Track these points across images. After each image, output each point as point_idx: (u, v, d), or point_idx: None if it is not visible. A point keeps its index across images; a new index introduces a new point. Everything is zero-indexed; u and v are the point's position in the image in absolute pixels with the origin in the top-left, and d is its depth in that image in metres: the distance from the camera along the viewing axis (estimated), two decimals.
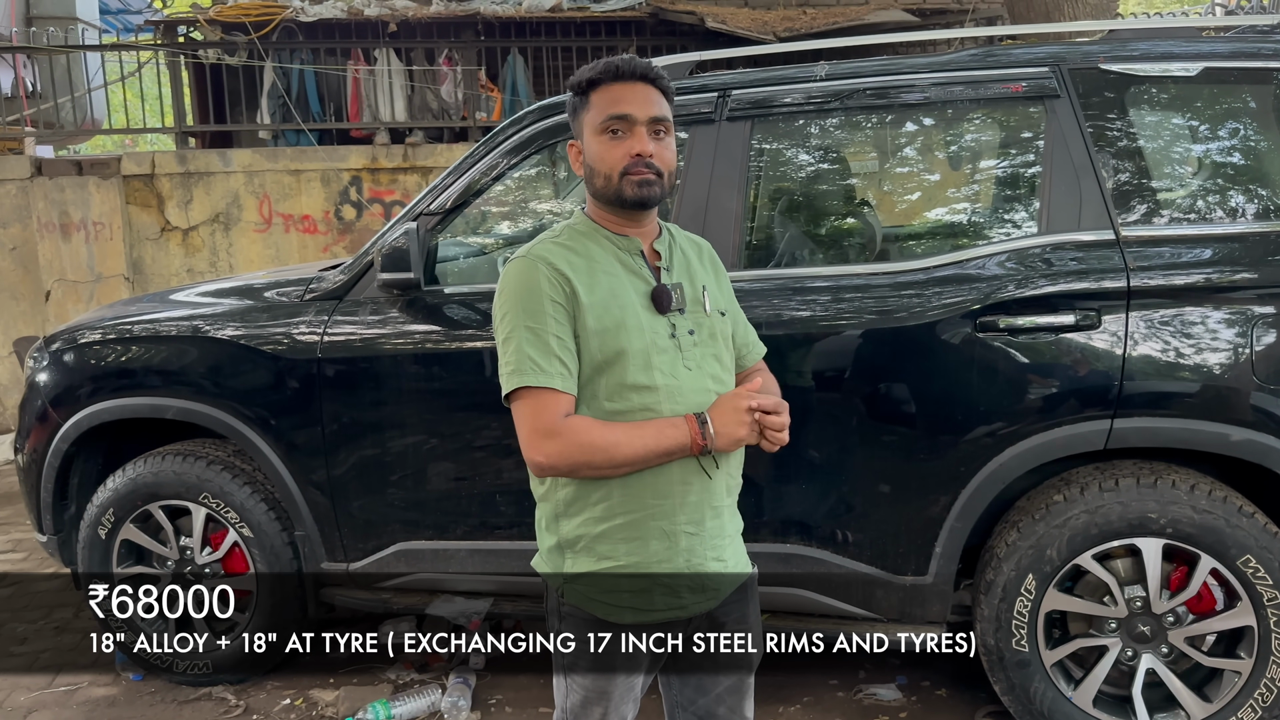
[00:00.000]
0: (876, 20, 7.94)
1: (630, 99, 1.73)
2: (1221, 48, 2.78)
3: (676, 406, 1.72)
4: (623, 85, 1.74)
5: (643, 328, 1.73)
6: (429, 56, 8.21)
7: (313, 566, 3.31)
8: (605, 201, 1.77)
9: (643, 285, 1.77)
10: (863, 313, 2.76)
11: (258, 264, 7.49)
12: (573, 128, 1.83)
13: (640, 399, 1.71)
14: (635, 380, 1.71)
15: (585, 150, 1.78)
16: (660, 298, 1.76)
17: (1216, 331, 2.56)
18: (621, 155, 1.72)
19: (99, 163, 7.30)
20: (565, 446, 1.66)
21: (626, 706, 1.84)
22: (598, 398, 1.73)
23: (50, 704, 3.43)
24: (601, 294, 1.72)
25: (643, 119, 1.73)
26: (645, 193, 1.73)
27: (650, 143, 1.73)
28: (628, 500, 1.73)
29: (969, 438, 2.70)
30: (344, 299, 3.18)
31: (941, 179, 3.18)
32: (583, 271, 1.73)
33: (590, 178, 1.78)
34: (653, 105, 1.74)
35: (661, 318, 1.75)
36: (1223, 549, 2.58)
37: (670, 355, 1.74)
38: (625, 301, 1.73)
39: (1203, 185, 2.77)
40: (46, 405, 3.47)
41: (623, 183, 1.73)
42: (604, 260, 1.76)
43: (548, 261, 1.72)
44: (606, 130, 1.73)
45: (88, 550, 3.43)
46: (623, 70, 1.74)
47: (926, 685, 3.31)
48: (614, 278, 1.75)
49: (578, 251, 1.76)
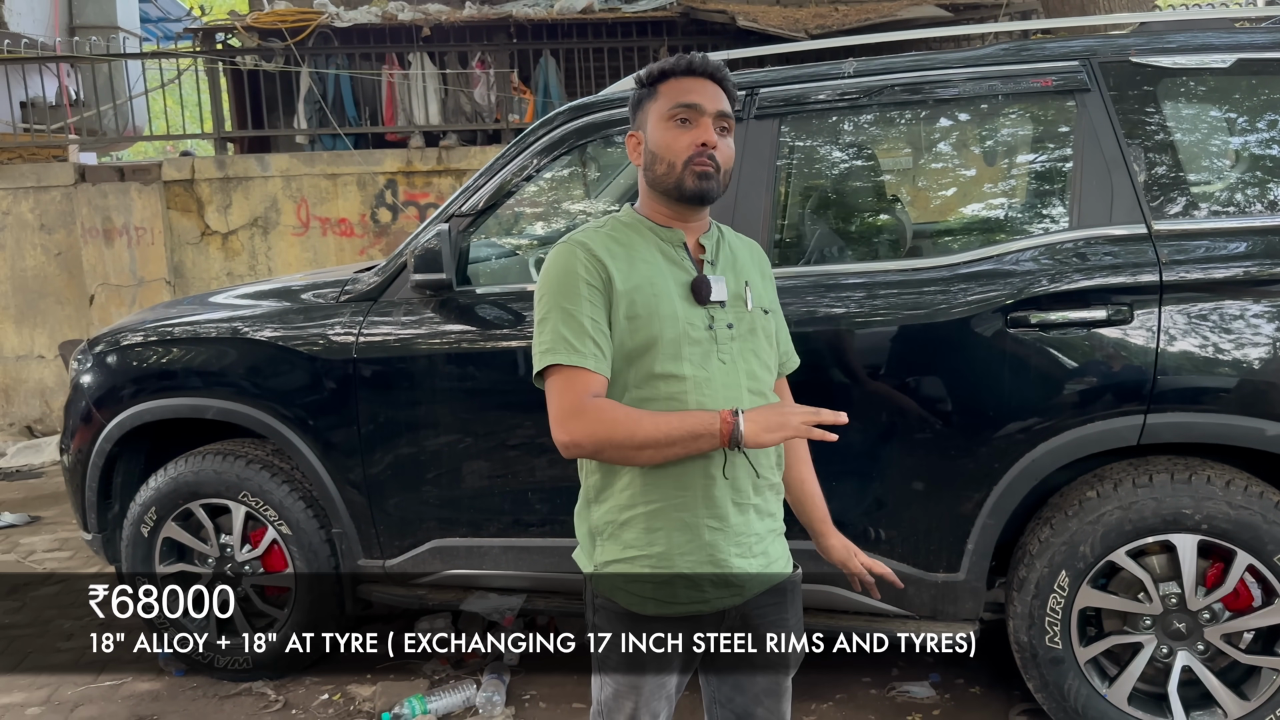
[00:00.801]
0: (909, 16, 7.90)
1: (700, 91, 1.77)
2: (1257, 38, 2.74)
3: (704, 399, 1.73)
4: (694, 79, 1.78)
5: (677, 317, 1.74)
6: (462, 60, 8.29)
7: (350, 564, 3.36)
8: (662, 191, 1.79)
9: (683, 276, 1.78)
10: (894, 309, 2.76)
11: (295, 267, 7.60)
12: (634, 119, 1.86)
13: (667, 388, 1.73)
14: (664, 369, 1.73)
15: (649, 138, 1.80)
16: (700, 288, 1.77)
17: (1250, 325, 2.53)
18: (688, 144, 1.75)
19: (140, 169, 7.44)
20: (589, 424, 1.67)
21: (658, 703, 1.84)
22: (626, 386, 1.75)
23: (96, 698, 3.52)
24: (637, 281, 1.74)
25: (711, 111, 1.76)
26: (705, 186, 1.75)
27: (715, 136, 1.76)
28: (649, 490, 1.75)
29: (1001, 434, 2.69)
30: (378, 300, 3.23)
31: (971, 174, 3.17)
32: (621, 259, 1.76)
33: (651, 164, 1.80)
34: (720, 100, 1.78)
35: (700, 309, 1.77)
36: (1259, 545, 2.55)
37: (704, 347, 1.75)
38: (661, 290, 1.75)
39: (1236, 178, 2.74)
40: (90, 406, 3.55)
41: (685, 172, 1.75)
42: (644, 250, 1.79)
43: (586, 247, 1.75)
44: (675, 118, 1.76)
45: (131, 548, 3.51)
46: (695, 65, 1.79)
47: (960, 683, 3.29)
48: (653, 266, 1.77)
49: (619, 241, 1.79)
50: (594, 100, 3.18)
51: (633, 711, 1.83)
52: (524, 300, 3.09)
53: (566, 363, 1.70)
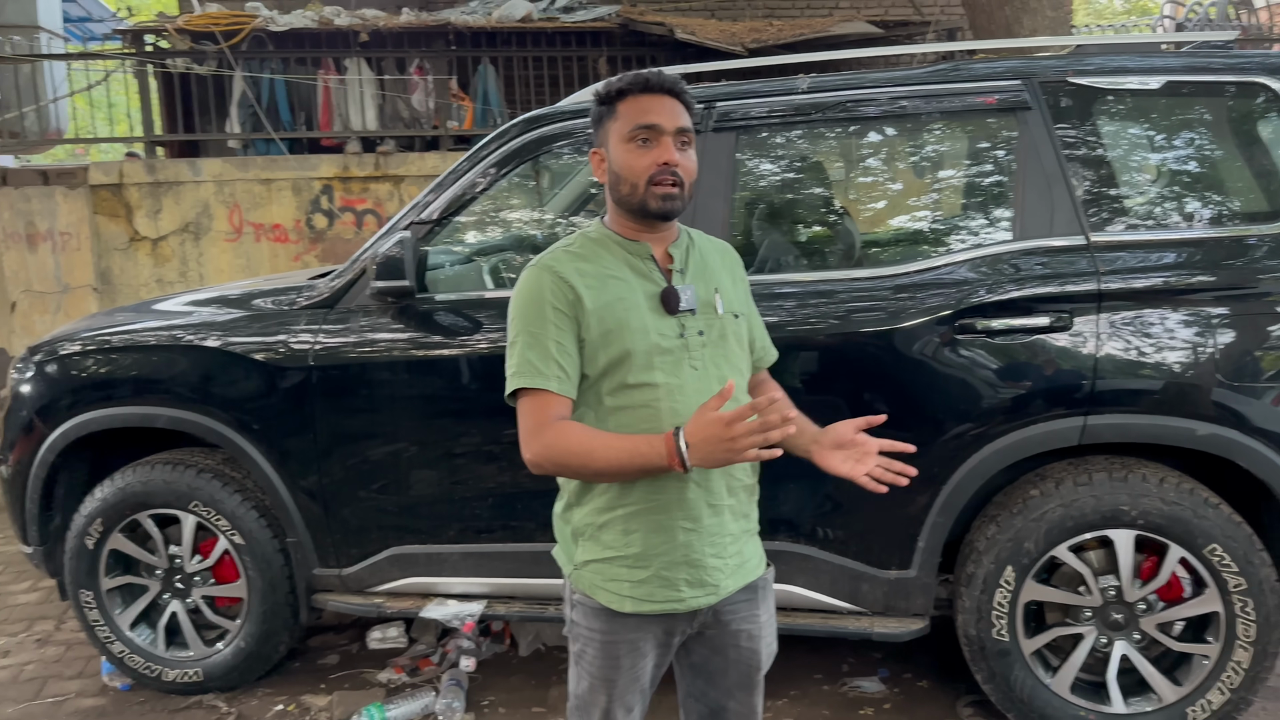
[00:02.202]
0: (841, 32, 8.09)
1: (659, 110, 1.80)
2: (1182, 62, 2.91)
3: (676, 405, 1.79)
4: (651, 97, 1.81)
5: (647, 329, 1.79)
6: (400, 66, 8.23)
7: (305, 573, 3.34)
8: (628, 209, 1.84)
9: (652, 288, 1.83)
10: (846, 317, 2.85)
11: (228, 274, 7.46)
12: (596, 136, 1.89)
13: (640, 396, 1.78)
14: (637, 379, 1.78)
15: (612, 158, 1.84)
16: (669, 299, 1.82)
17: (1182, 332, 2.68)
18: (649, 164, 1.79)
19: (65, 172, 7.23)
20: (547, 447, 1.74)
21: (632, 696, 1.90)
22: (601, 396, 1.80)
23: (39, 715, 3.43)
24: (607, 298, 1.79)
25: (670, 129, 1.80)
26: (668, 206, 1.80)
27: (675, 153, 1.80)
28: (625, 493, 1.80)
29: (950, 436, 2.80)
30: (335, 307, 3.22)
31: (919, 188, 3.29)
32: (590, 276, 1.80)
33: (615, 185, 1.84)
34: (679, 117, 1.82)
35: (671, 319, 1.82)
36: (1190, 539, 2.70)
37: (675, 355, 1.81)
38: (630, 304, 1.80)
39: (1166, 193, 2.90)
40: (32, 415, 3.46)
41: (648, 192, 1.79)
42: (613, 265, 1.84)
43: (553, 271, 1.80)
44: (635, 139, 1.80)
45: (75, 561, 3.43)
46: (652, 82, 1.82)
47: (908, 677, 3.41)
48: (622, 282, 1.82)
49: (587, 258, 1.83)
50: (548, 112, 3.22)
51: (607, 704, 1.88)
52: (483, 307, 3.12)
53: (531, 385, 1.76)
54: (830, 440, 1.89)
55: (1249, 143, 2.90)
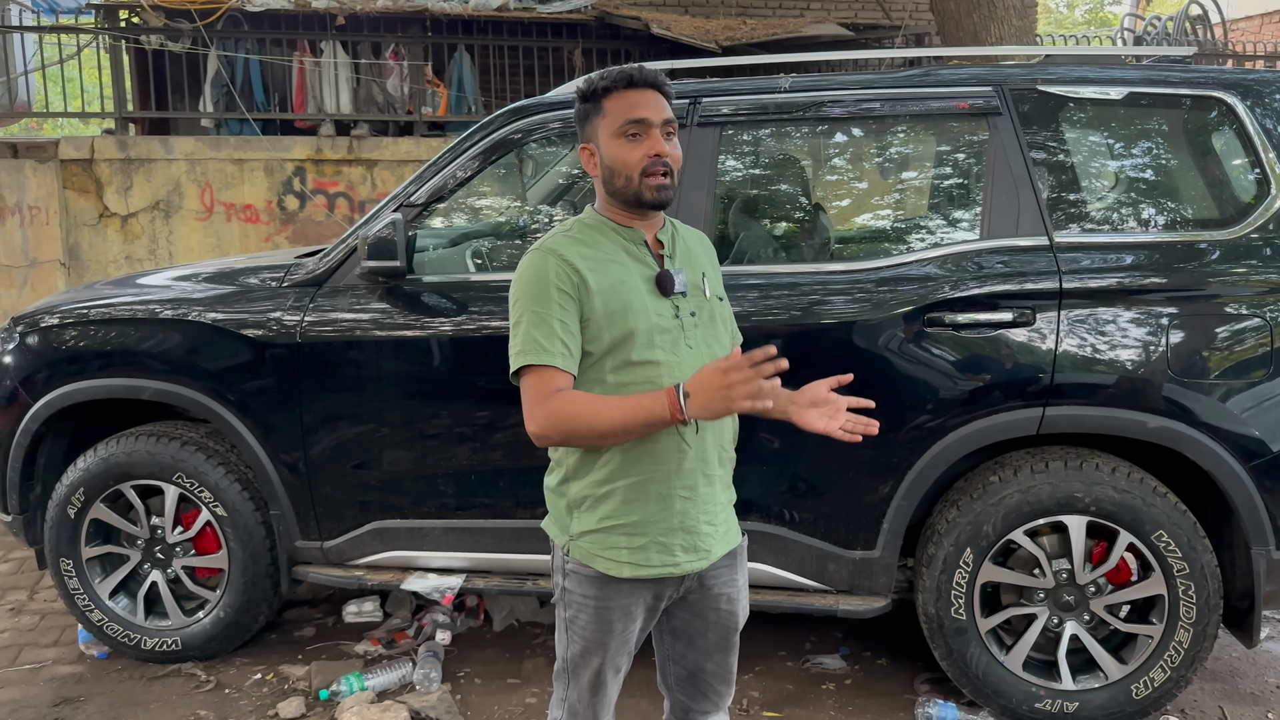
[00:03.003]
0: (813, 33, 8.25)
1: (645, 104, 1.91)
2: (1144, 74, 3.07)
3: (676, 380, 1.88)
4: (636, 92, 1.92)
5: (647, 309, 1.91)
6: (375, 50, 8.25)
7: (286, 545, 3.41)
8: (623, 201, 1.94)
9: (647, 271, 1.95)
10: (819, 308, 2.98)
11: (198, 252, 7.45)
12: (582, 132, 1.99)
13: (644, 373, 1.89)
14: (640, 357, 1.89)
15: (603, 153, 1.94)
16: (664, 281, 1.94)
17: (1137, 329, 2.84)
18: (640, 156, 1.89)
19: (35, 145, 7.18)
20: (551, 415, 1.82)
21: (622, 658, 2.02)
22: (605, 374, 1.91)
23: (16, 681, 3.46)
24: (610, 281, 1.90)
25: (658, 122, 1.91)
26: (662, 195, 1.91)
27: (664, 144, 1.91)
28: (628, 465, 1.91)
29: (915, 423, 2.94)
30: (324, 285, 3.29)
31: (893, 186, 3.43)
32: (593, 260, 1.91)
33: (609, 179, 1.94)
34: (664, 109, 1.93)
35: (665, 300, 1.94)
36: (1139, 525, 2.87)
37: (673, 335, 1.92)
38: (632, 286, 1.91)
39: (1126, 197, 3.06)
40: (16, 385, 3.49)
41: (643, 185, 1.90)
42: (611, 250, 1.94)
43: (558, 254, 1.90)
44: (625, 134, 1.90)
45: (56, 529, 3.47)
46: (636, 78, 1.92)
47: (868, 655, 3.55)
48: (621, 266, 1.93)
49: (586, 243, 1.94)
50: (533, 103, 3.32)
51: (599, 665, 1.99)
52: (470, 290, 3.21)
53: (536, 362, 1.85)
54: (806, 399, 1.97)
55: (1203, 153, 3.07)
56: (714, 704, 2.16)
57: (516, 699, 3.27)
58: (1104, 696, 2.97)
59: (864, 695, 3.28)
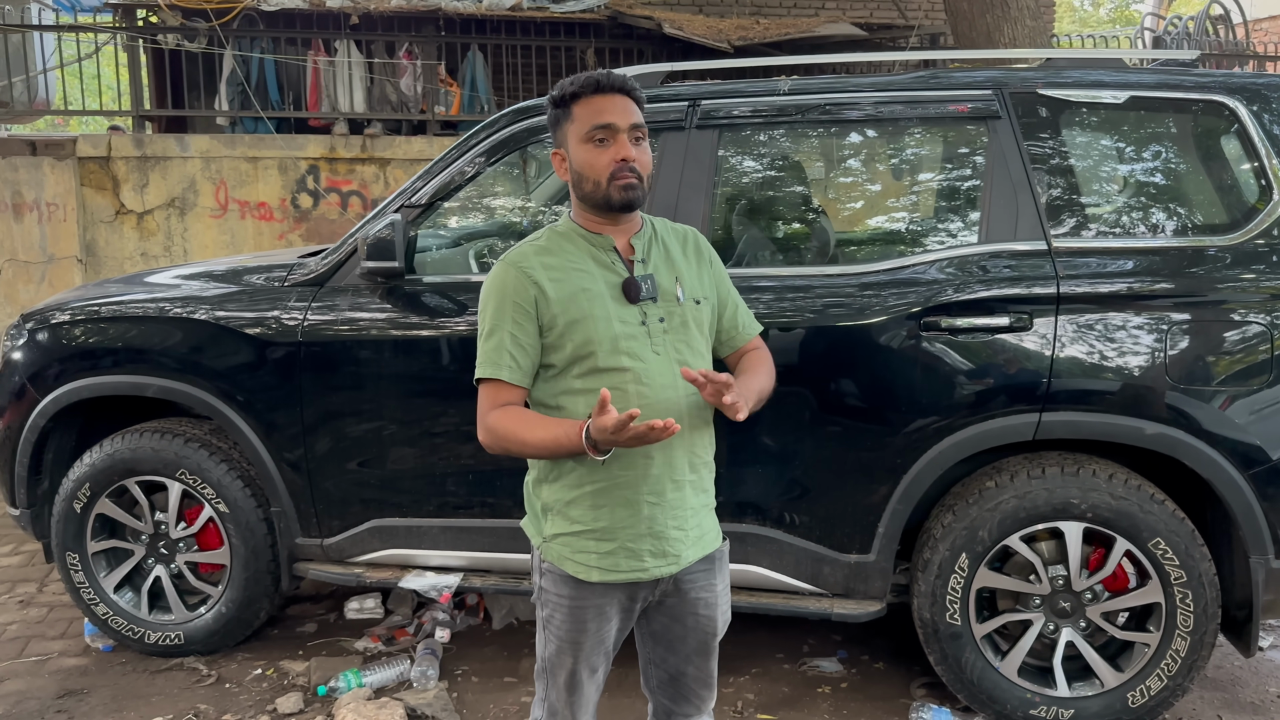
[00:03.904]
0: (826, 33, 8.22)
1: (612, 109, 1.93)
2: (1147, 78, 3.05)
3: (644, 388, 1.92)
4: (603, 97, 1.93)
5: (610, 317, 1.92)
6: (389, 50, 8.30)
7: (287, 541, 3.44)
8: (594, 205, 1.96)
9: (615, 278, 1.96)
10: (817, 311, 2.98)
11: (213, 250, 7.51)
12: (555, 137, 2.01)
13: (610, 380, 1.90)
14: (606, 364, 1.91)
15: (571, 158, 1.96)
16: (629, 288, 1.96)
17: (1135, 336, 2.82)
18: (608, 161, 1.92)
19: (54, 143, 7.26)
20: (489, 430, 1.92)
21: (597, 658, 2.03)
22: (571, 381, 1.93)
23: (22, 673, 3.51)
24: (570, 290, 1.93)
25: (624, 127, 1.92)
26: (630, 196, 1.93)
27: (631, 148, 1.92)
28: (596, 471, 1.92)
29: (912, 428, 2.94)
30: (325, 285, 3.32)
31: (891, 189, 3.42)
32: (554, 269, 1.94)
33: (579, 183, 1.96)
34: (631, 114, 1.94)
35: (632, 307, 1.95)
36: (1136, 532, 2.85)
37: (640, 341, 1.94)
38: (594, 294, 1.93)
39: (1127, 202, 3.04)
40: (24, 381, 3.54)
41: (610, 187, 1.92)
42: (577, 258, 1.96)
43: (518, 267, 1.94)
44: (592, 139, 1.92)
45: (62, 524, 3.52)
46: (603, 83, 1.94)
47: (865, 659, 3.55)
48: (585, 274, 1.95)
49: (552, 252, 1.97)
50: (538, 103, 3.32)
51: (573, 665, 2.01)
52: (468, 290, 3.22)
53: (486, 375, 1.94)
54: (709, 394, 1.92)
55: (1206, 158, 3.04)
56: (696, 707, 2.17)
57: (512, 697, 3.28)
58: (1100, 704, 2.95)
59: (859, 699, 3.28)
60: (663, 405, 1.92)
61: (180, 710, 3.24)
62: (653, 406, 1.90)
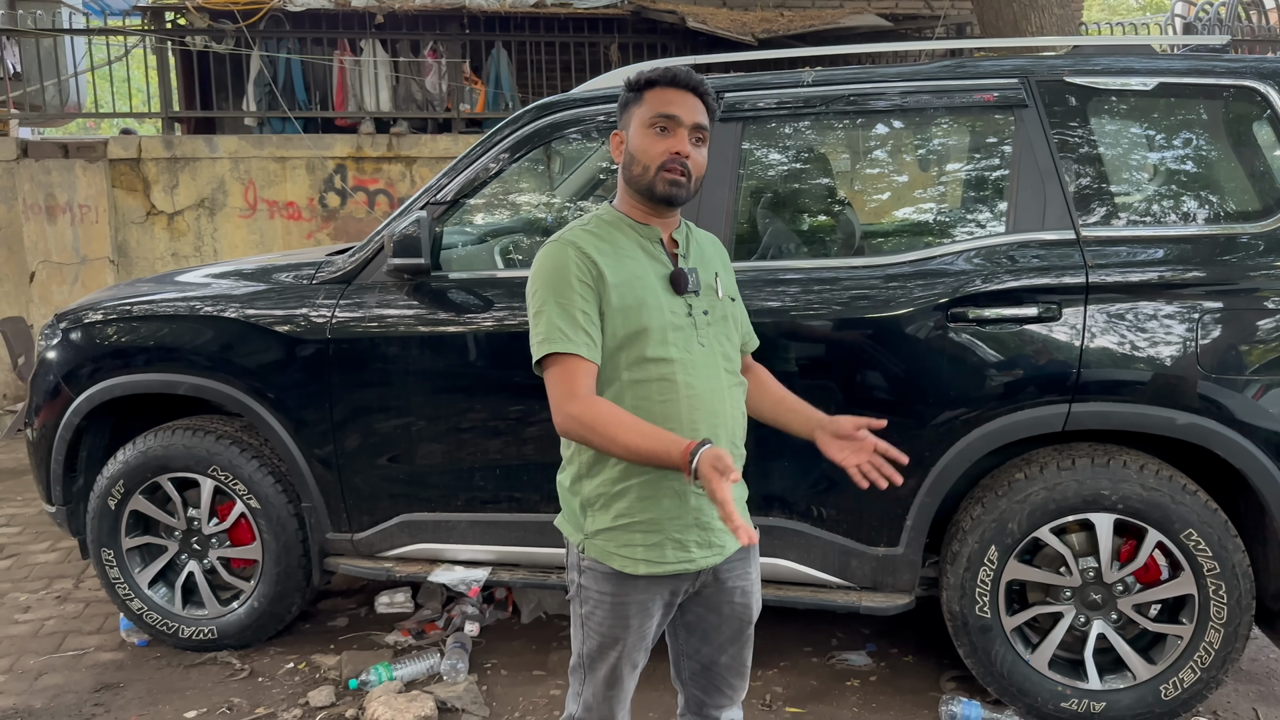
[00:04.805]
0: (851, 24, 8.17)
1: (681, 103, 1.93)
2: (1176, 64, 3.01)
3: (690, 378, 1.92)
4: (676, 91, 1.94)
5: (661, 306, 1.93)
6: (414, 48, 8.34)
7: (318, 536, 3.47)
8: (637, 190, 1.97)
9: (662, 269, 1.97)
10: (843, 304, 2.97)
11: (242, 249, 7.59)
12: (620, 119, 2.02)
13: (657, 370, 1.91)
14: (654, 354, 1.91)
15: (630, 139, 1.97)
16: (678, 280, 1.96)
17: (1166, 325, 2.79)
18: (662, 150, 1.92)
19: (85, 145, 7.36)
20: (575, 418, 1.84)
21: (638, 654, 2.03)
22: (619, 370, 1.92)
23: (60, 667, 3.57)
24: (625, 276, 1.92)
25: (688, 123, 1.93)
26: (674, 191, 1.93)
27: (689, 146, 1.92)
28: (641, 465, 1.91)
29: (939, 420, 2.92)
30: (353, 282, 3.35)
31: (917, 180, 3.40)
32: (609, 255, 1.93)
33: (628, 164, 1.97)
34: (698, 113, 1.95)
35: (679, 298, 1.96)
36: (1168, 524, 2.82)
37: (686, 332, 1.94)
38: (647, 283, 1.93)
39: (1156, 190, 3.01)
40: (59, 380, 3.60)
41: (657, 177, 1.92)
42: (627, 246, 1.96)
43: (576, 246, 1.92)
44: (654, 125, 1.93)
45: (97, 520, 3.57)
46: (679, 78, 1.95)
47: (894, 652, 3.53)
48: (636, 262, 1.95)
49: (604, 238, 1.96)
50: (561, 99, 3.34)
51: (616, 661, 2.01)
52: (495, 286, 3.24)
53: (562, 351, 1.86)
54: (833, 429, 2.04)
55: (1237, 144, 3.00)
56: (728, 698, 2.17)
57: (541, 690, 3.30)
58: (1132, 697, 2.93)
59: (888, 692, 3.27)
60: (708, 396, 1.93)
61: (214, 704, 3.28)
62: (699, 397, 1.92)
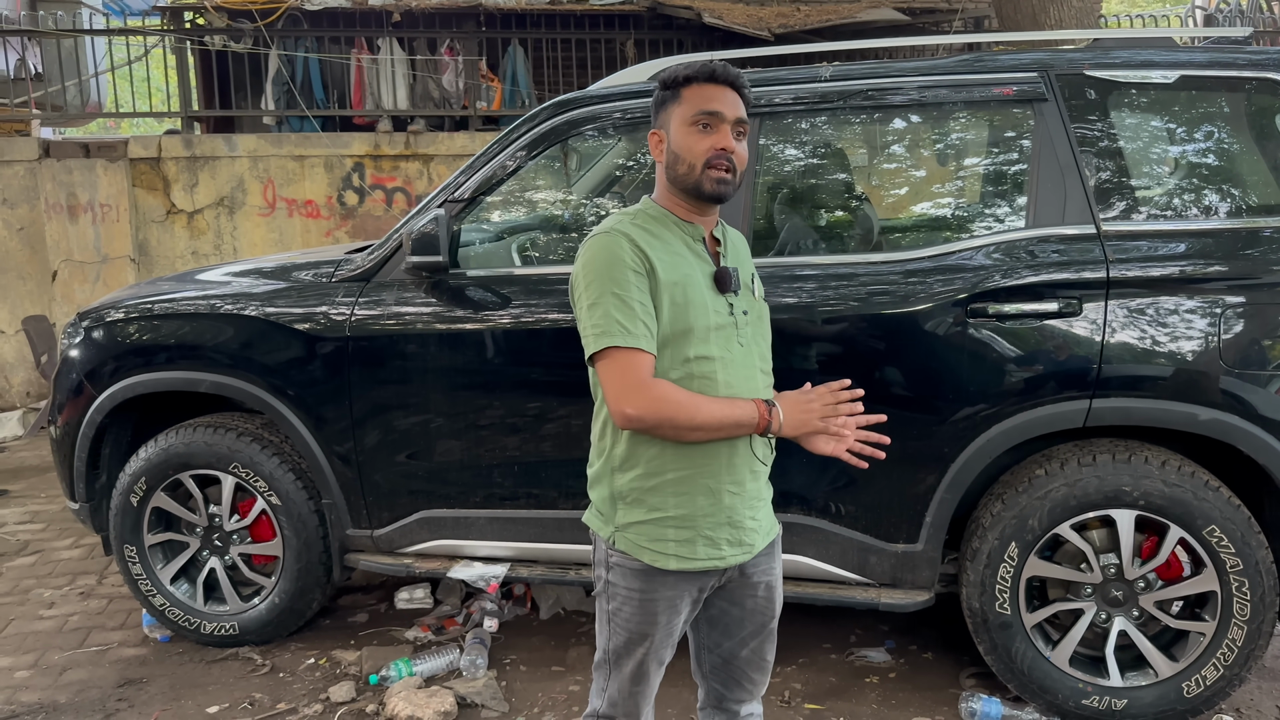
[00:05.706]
0: (868, 18, 8.14)
1: (721, 99, 1.92)
2: (1198, 57, 2.99)
3: (730, 377, 1.92)
4: (715, 86, 1.93)
5: (707, 306, 1.92)
6: (431, 46, 8.37)
7: (338, 533, 3.49)
8: (682, 189, 1.95)
9: (707, 267, 1.96)
10: (861, 299, 2.96)
11: (261, 247, 7.64)
12: (656, 118, 2.01)
13: (699, 368, 1.90)
14: (697, 352, 1.90)
15: (671, 139, 1.95)
16: (723, 279, 1.95)
17: (1187, 320, 2.77)
18: (707, 148, 1.90)
19: (106, 145, 7.42)
20: (654, 401, 1.82)
21: (665, 650, 2.03)
22: (663, 365, 1.90)
23: (84, 662, 3.61)
24: (677, 275, 1.91)
25: (730, 118, 1.92)
26: (721, 189, 1.92)
27: (733, 140, 1.92)
28: (678, 459, 1.92)
29: (959, 416, 2.91)
30: (371, 280, 3.36)
31: (936, 175, 3.39)
32: (659, 250, 1.91)
33: (673, 164, 1.95)
34: (738, 108, 1.94)
35: (721, 297, 1.95)
36: (1190, 520, 2.80)
37: (727, 331, 1.94)
38: (694, 281, 1.93)
39: (1177, 184, 2.98)
40: (82, 379, 3.63)
41: (704, 175, 1.91)
42: (673, 243, 1.95)
43: (629, 237, 1.90)
44: (697, 123, 1.92)
45: (120, 517, 3.60)
46: (718, 74, 1.94)
47: (914, 649, 3.52)
48: (682, 259, 1.94)
49: (653, 233, 1.94)
50: (578, 96, 3.34)
51: (643, 656, 2.01)
52: (512, 284, 3.24)
53: (623, 344, 1.84)
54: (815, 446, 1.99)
55: (1260, 137, 2.97)
56: (749, 692, 2.17)
57: (560, 686, 3.31)
58: (1154, 694, 2.91)
59: (908, 689, 3.26)
60: (745, 395, 1.93)
61: (236, 699, 3.30)
62: (738, 395, 1.92)
